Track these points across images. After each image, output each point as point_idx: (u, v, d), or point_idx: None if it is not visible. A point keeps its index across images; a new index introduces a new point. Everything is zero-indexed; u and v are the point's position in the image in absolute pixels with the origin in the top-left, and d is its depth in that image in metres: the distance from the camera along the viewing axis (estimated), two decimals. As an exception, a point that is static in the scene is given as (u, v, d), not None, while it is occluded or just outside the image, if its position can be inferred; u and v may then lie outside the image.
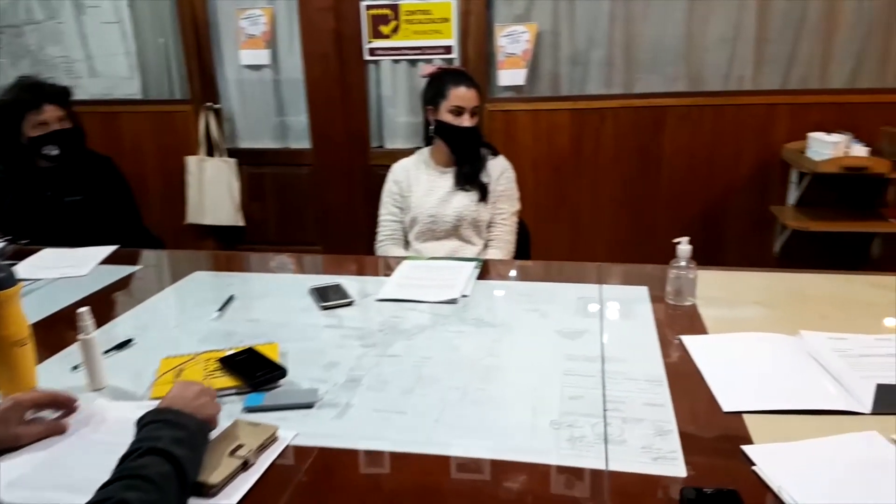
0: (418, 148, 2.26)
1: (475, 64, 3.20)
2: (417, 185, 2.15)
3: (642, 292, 1.54)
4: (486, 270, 1.74)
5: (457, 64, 3.23)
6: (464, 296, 1.55)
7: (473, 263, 1.75)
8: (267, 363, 1.20)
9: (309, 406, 1.10)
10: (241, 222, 3.57)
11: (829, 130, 2.82)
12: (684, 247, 1.45)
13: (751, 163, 3.14)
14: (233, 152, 3.56)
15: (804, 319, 1.37)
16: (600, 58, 3.21)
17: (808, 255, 3.03)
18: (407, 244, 2.19)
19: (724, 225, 3.20)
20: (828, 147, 2.67)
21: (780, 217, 2.99)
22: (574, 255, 3.28)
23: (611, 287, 1.59)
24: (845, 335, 1.29)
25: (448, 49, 3.27)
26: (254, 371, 1.18)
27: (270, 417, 1.07)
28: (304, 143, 3.53)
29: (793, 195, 3.03)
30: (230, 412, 1.08)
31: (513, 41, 3.22)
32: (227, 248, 3.66)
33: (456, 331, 1.38)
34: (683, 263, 1.45)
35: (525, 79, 3.24)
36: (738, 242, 3.18)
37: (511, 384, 1.17)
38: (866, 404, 1.07)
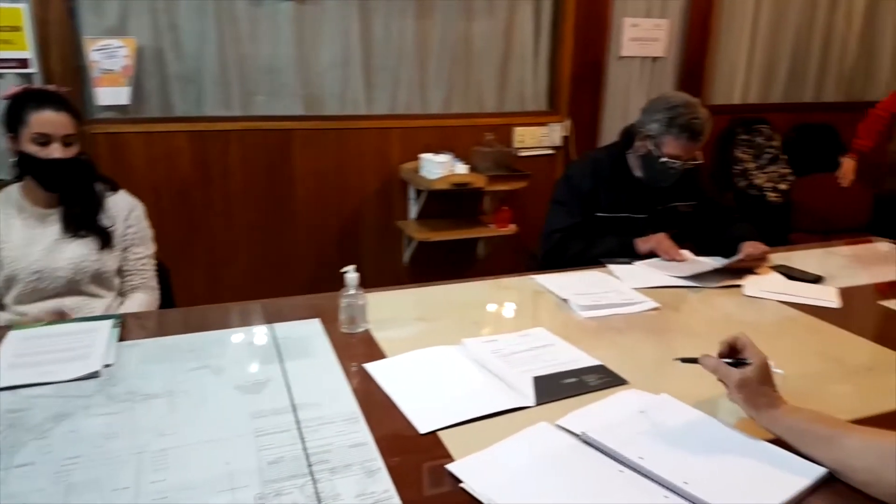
0: (4, 184, 1.81)
1: (63, 80, 2.72)
2: (9, 233, 1.71)
3: (315, 325, 1.49)
4: (127, 328, 1.46)
5: (38, 80, 2.71)
6: (107, 365, 1.28)
7: (110, 322, 1.45)
8: None
9: None
10: None
11: (435, 151, 3.19)
12: (352, 275, 1.45)
13: (375, 182, 3.36)
14: None
15: (462, 327, 1.48)
16: (214, 78, 3.06)
17: (432, 261, 3.38)
18: (2, 308, 1.73)
19: (359, 242, 3.37)
20: (437, 167, 3.02)
21: (406, 230, 3.27)
22: (217, 292, 3.06)
23: (283, 325, 1.49)
24: (496, 336, 1.44)
25: (24, 63, 2.72)
26: None
27: None
28: None
29: (413, 210, 3.35)
30: None
31: (108, 56, 2.85)
32: None
33: (106, 413, 1.12)
34: (353, 291, 1.45)
35: (129, 98, 2.90)
36: (373, 257, 3.39)
37: (197, 464, 0.99)
38: (530, 398, 1.20)
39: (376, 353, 1.36)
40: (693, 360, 1.14)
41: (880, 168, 4.13)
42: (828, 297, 1.68)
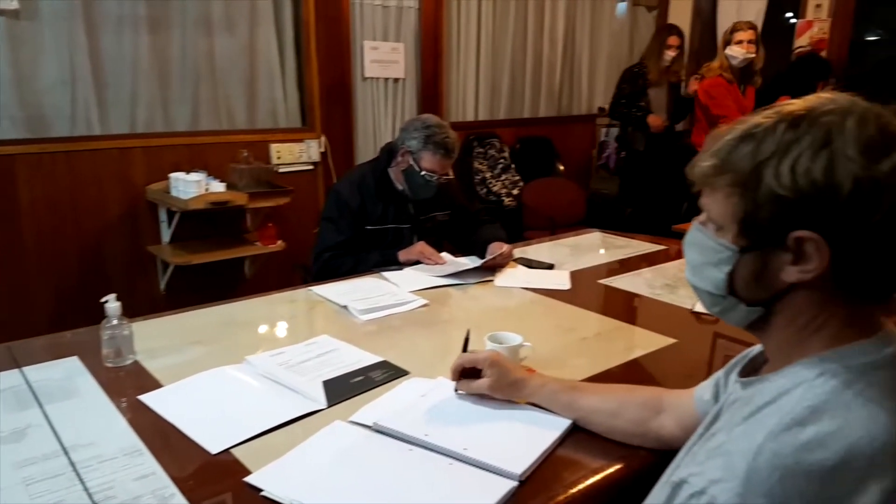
0: None
1: None
2: None
3: (74, 363, 1.36)
4: None
5: None
6: None
7: None
8: None
9: None
10: None
11: (185, 170, 3.04)
12: (113, 304, 1.36)
13: (118, 206, 3.09)
14: None
15: (245, 345, 1.47)
16: None
17: (194, 286, 3.20)
18: None
19: (105, 272, 3.06)
20: (191, 186, 2.88)
21: (160, 255, 3.06)
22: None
23: (35, 367, 1.33)
24: (282, 349, 1.46)
25: None
26: None
27: None
28: None
29: (166, 233, 3.14)
30: None
31: None
32: None
33: None
34: (115, 322, 1.35)
35: None
36: (124, 287, 3.08)
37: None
38: (321, 401, 1.25)
39: (150, 384, 1.30)
40: (465, 349, 1.27)
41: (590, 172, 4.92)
42: (561, 280, 1.98)
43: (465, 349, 1.28)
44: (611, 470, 1.05)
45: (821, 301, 0.71)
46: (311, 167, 3.73)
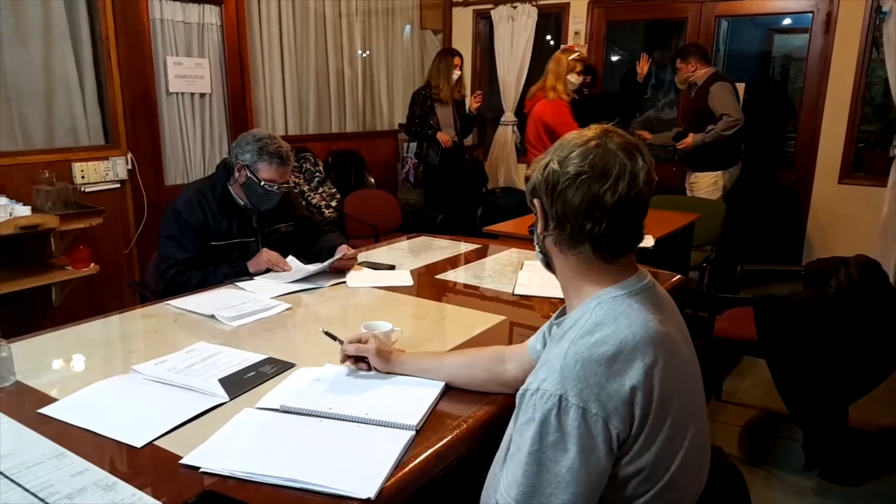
0: None
1: None
2: None
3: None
4: None
5: None
6: None
7: None
8: None
9: None
10: None
11: (-19, 194, 2.80)
12: (-10, 326, 1.35)
13: None
14: None
15: (122, 359, 1.53)
16: None
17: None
18: None
19: None
20: (-4, 210, 2.67)
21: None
22: None
23: None
24: (164, 358, 1.54)
25: None
26: None
27: None
28: None
29: (-39, 263, 2.85)
30: None
31: None
32: None
33: None
34: (-6, 344, 1.35)
35: None
36: None
37: None
38: (223, 395, 1.38)
39: (45, 399, 1.33)
40: (336, 339, 1.48)
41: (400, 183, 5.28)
42: (405, 278, 2.26)
43: (334, 338, 1.50)
44: (480, 412, 1.33)
45: (583, 261, 1.08)
46: (118, 185, 3.58)
